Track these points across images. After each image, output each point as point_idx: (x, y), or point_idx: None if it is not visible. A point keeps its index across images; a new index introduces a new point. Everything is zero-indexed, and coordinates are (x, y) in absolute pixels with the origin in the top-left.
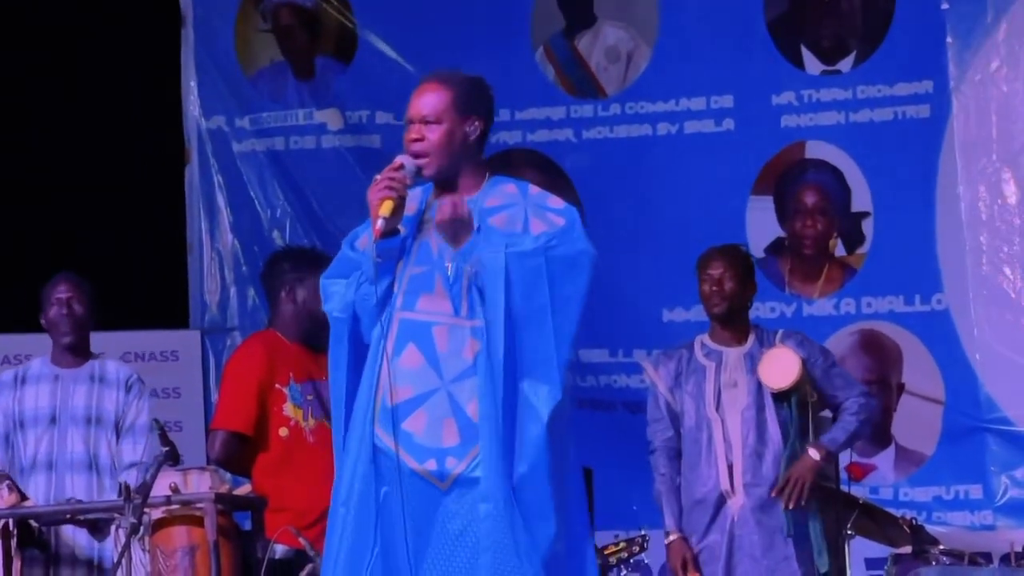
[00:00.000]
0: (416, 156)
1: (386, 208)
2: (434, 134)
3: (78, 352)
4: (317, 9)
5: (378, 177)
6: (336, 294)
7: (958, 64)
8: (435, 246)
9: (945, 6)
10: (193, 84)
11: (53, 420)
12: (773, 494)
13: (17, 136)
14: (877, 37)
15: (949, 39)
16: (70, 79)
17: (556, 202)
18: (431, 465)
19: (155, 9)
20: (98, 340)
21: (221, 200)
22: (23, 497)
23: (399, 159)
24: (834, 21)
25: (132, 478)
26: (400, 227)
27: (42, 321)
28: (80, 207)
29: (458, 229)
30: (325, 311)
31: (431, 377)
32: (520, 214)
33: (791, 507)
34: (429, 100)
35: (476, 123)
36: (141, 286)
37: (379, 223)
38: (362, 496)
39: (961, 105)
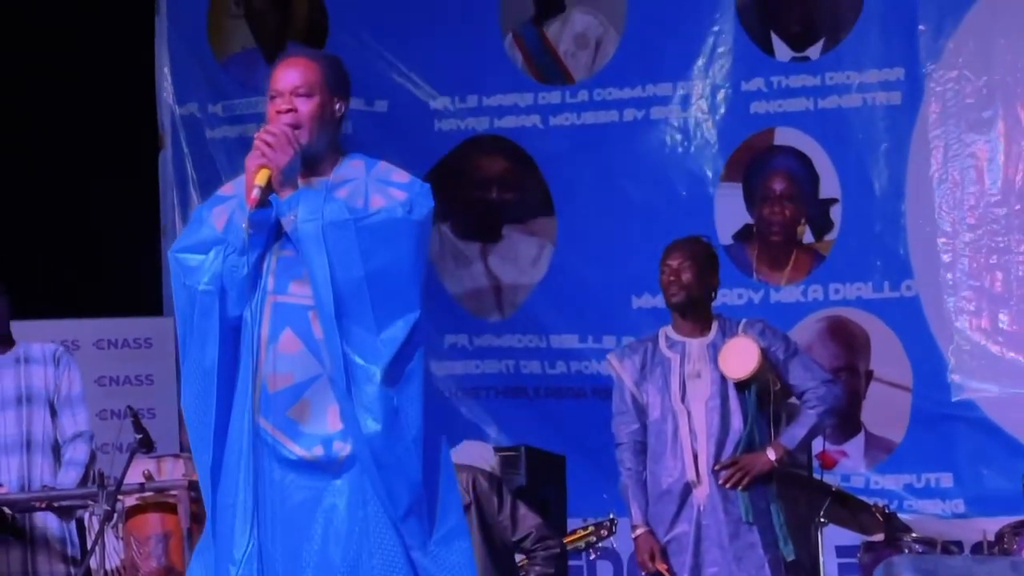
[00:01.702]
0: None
1: (262, 177)
2: (306, 106)
3: (1, 342)
4: None
5: (256, 142)
6: (199, 267)
7: (930, 51)
8: None
9: None
10: (167, 71)
11: None
12: (716, 469)
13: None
14: (847, 24)
15: (921, 26)
16: (43, 66)
17: (401, 176)
18: (318, 451)
19: None
20: (69, 327)
21: (194, 186)
22: None
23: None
24: (804, 7)
25: (80, 451)
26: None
27: None
28: (53, 194)
29: (288, 176)
30: (186, 285)
31: (311, 363)
32: (362, 188)
33: (725, 485)
34: (301, 73)
35: (342, 103)
36: (114, 273)
37: (254, 192)
38: (244, 485)
39: (933, 92)
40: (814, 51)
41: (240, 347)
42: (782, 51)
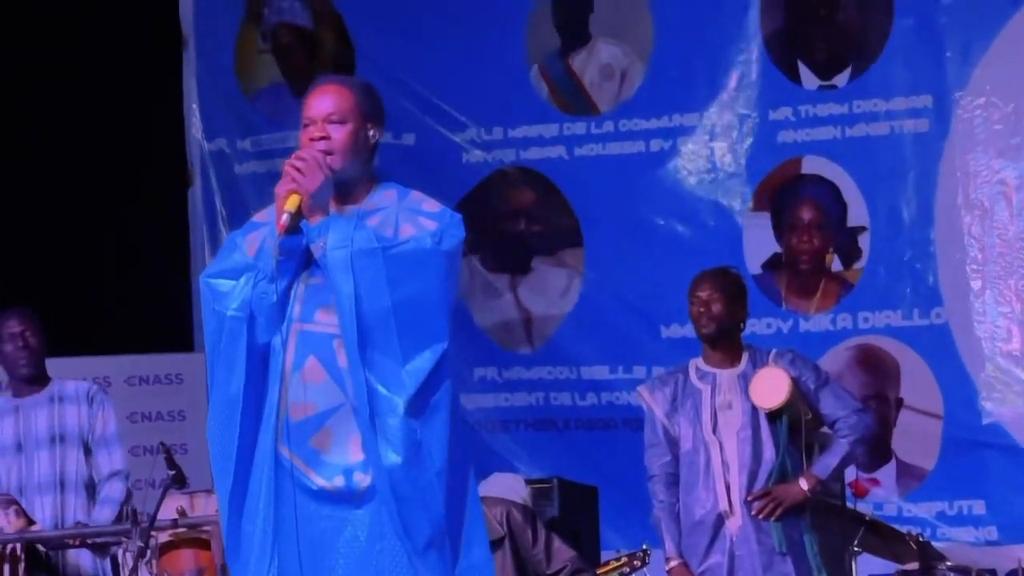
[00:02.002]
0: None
1: (292, 203)
2: (339, 133)
3: (36, 381)
4: (316, 29)
5: (286, 168)
6: (230, 293)
7: (957, 78)
8: None
9: (944, 20)
10: (195, 106)
11: (19, 448)
12: (749, 500)
13: (20, 159)
14: (874, 51)
15: (948, 53)
16: (73, 103)
17: (432, 206)
18: (339, 481)
19: (157, 31)
20: (100, 364)
21: (223, 222)
22: (30, 522)
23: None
24: (830, 36)
25: (116, 490)
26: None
27: None
28: (82, 230)
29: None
30: (215, 311)
31: (335, 392)
32: (392, 218)
33: (758, 516)
34: (333, 100)
35: (375, 130)
36: (145, 309)
37: (284, 218)
38: (264, 514)
39: (960, 119)
40: (841, 79)
41: (268, 375)
42: (809, 80)
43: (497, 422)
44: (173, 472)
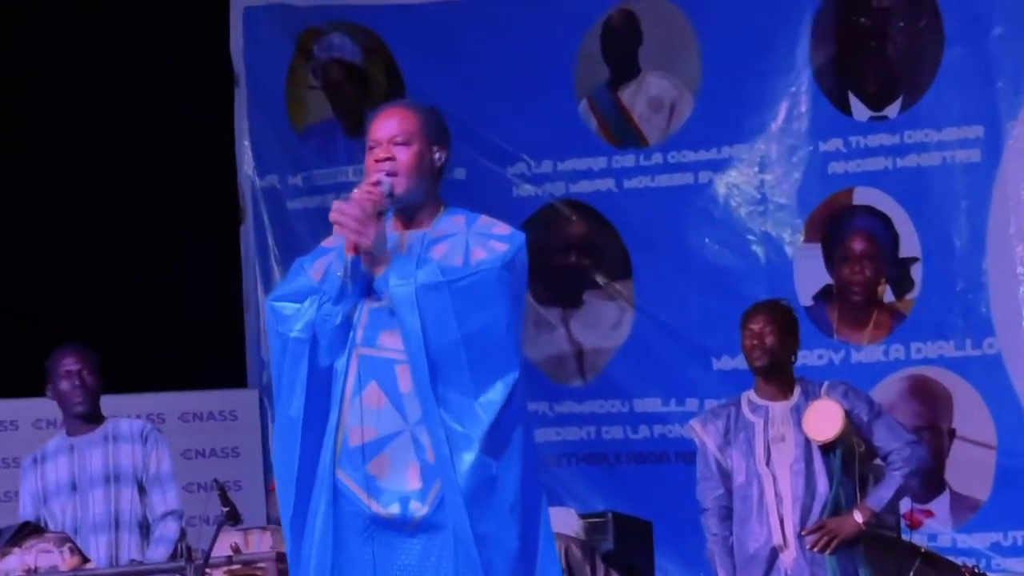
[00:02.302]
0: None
1: (349, 252)
2: (404, 155)
3: (91, 419)
4: (366, 65)
5: (354, 192)
6: (294, 315)
7: (1008, 107)
8: None
9: (994, 50)
10: (247, 143)
11: (73, 488)
12: (803, 533)
13: (75, 199)
14: (925, 82)
15: (999, 83)
16: (127, 141)
17: (503, 229)
18: (394, 509)
19: (209, 68)
20: (154, 401)
21: (275, 258)
22: (84, 560)
23: (375, 175)
24: (881, 67)
25: (171, 529)
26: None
27: (49, 393)
28: (138, 268)
29: (378, 255)
30: (279, 333)
31: (395, 418)
32: (461, 244)
33: (813, 549)
34: (398, 122)
35: (441, 152)
36: (198, 346)
37: (341, 271)
38: (321, 541)
39: (1012, 148)
40: (892, 110)
41: (330, 399)
42: (860, 111)
43: (549, 456)
44: (227, 509)
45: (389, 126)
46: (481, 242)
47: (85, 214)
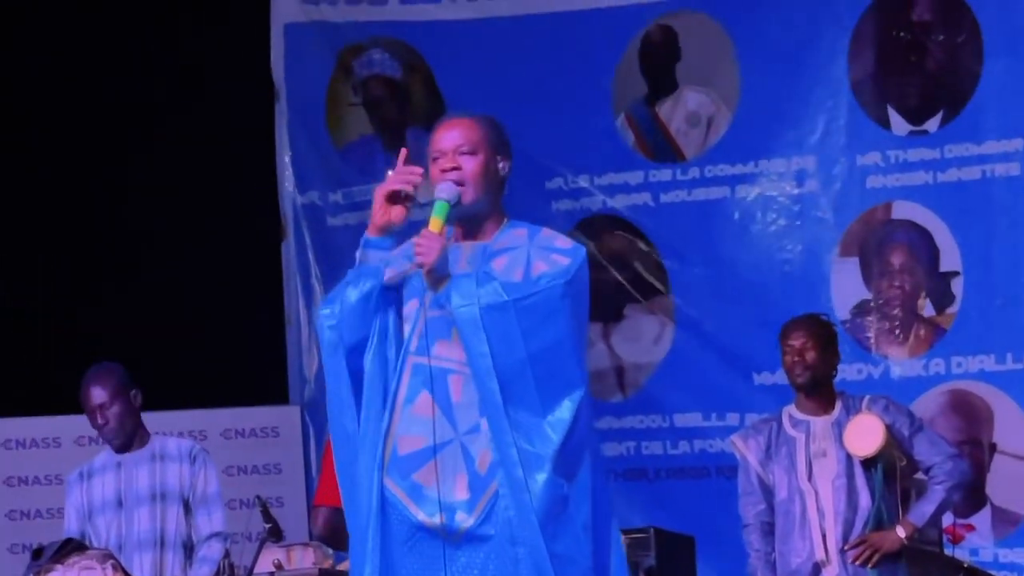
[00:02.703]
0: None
1: (435, 225)
2: (470, 163)
3: (134, 442)
4: (406, 81)
5: (390, 174)
6: (329, 308)
7: None
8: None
9: None
10: (287, 159)
11: (119, 504)
12: (845, 548)
13: (117, 214)
14: (965, 96)
15: None
16: (167, 156)
17: (565, 243)
18: (440, 519)
19: (250, 84)
20: (197, 418)
21: (316, 274)
22: None
23: (440, 188)
24: (921, 81)
25: (215, 550)
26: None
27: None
28: (179, 284)
29: (440, 273)
30: (320, 331)
31: (445, 428)
32: (523, 257)
33: (855, 564)
34: (463, 131)
35: (504, 162)
36: (240, 363)
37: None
38: (372, 550)
39: None
40: (932, 124)
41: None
42: (899, 125)
43: None
44: (269, 525)
45: (454, 136)
46: (543, 255)
47: (127, 227)
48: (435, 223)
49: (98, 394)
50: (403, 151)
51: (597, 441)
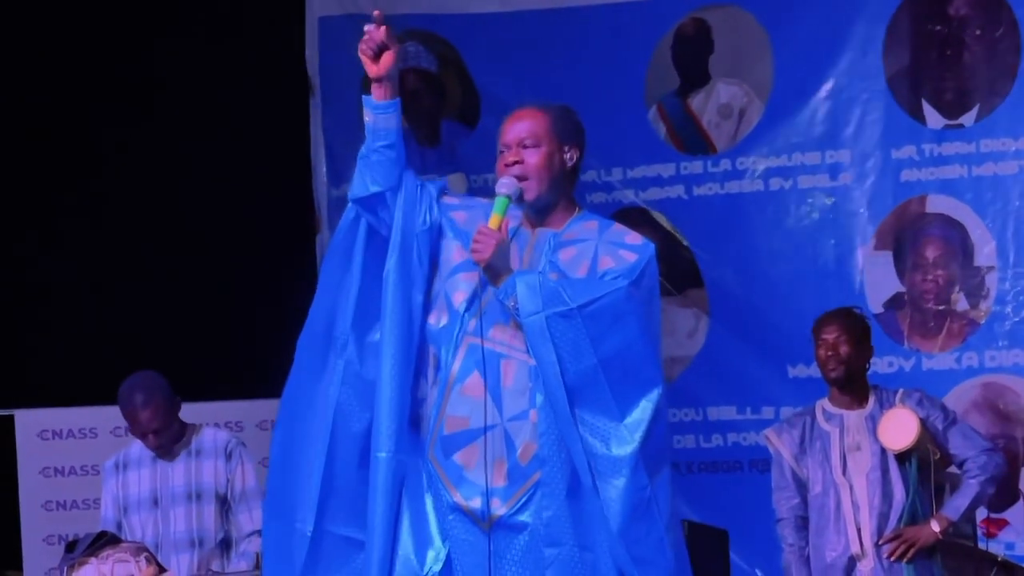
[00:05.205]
0: (516, 180)
1: (500, 206)
2: (533, 157)
3: (173, 444)
4: (441, 74)
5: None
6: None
7: None
8: None
9: None
10: (322, 152)
11: (155, 503)
12: (880, 543)
13: (151, 212)
14: (1002, 91)
15: None
16: (201, 150)
17: (634, 239)
18: (475, 503)
19: (285, 78)
20: (232, 409)
21: None
22: (161, 569)
23: (501, 183)
24: (956, 75)
25: (256, 544)
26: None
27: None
28: (209, 278)
29: (498, 268)
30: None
31: (491, 412)
32: (590, 251)
33: (890, 558)
34: (527, 124)
35: (573, 151)
36: (276, 354)
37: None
38: (383, 517)
39: None
40: (968, 118)
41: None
42: (934, 119)
43: None
44: None
45: (518, 129)
46: (610, 251)
47: (165, 219)
48: (494, 219)
49: (148, 419)
50: (376, 12)
51: (671, 440)
